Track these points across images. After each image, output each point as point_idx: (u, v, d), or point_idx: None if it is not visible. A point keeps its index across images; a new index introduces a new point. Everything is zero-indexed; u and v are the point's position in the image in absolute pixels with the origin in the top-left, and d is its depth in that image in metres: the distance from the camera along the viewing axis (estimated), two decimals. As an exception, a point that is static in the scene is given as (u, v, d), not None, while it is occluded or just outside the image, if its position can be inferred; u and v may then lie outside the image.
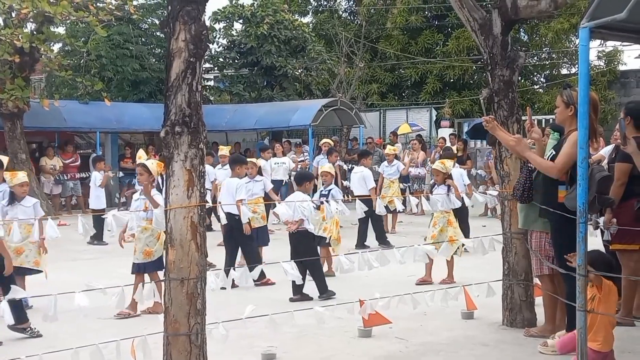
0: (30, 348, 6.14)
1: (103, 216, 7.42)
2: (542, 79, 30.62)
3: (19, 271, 7.66)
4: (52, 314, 5.16)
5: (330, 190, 10.19)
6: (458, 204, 9.27)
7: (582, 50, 4.94)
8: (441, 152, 15.86)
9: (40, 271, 8.10)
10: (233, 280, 6.15)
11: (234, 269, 6.30)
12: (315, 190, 11.31)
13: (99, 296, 5.55)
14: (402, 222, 15.68)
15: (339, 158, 14.38)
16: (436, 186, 9.65)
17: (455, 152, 18.42)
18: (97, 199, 14.18)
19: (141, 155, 9.12)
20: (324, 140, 18.11)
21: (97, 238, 13.29)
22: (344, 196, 12.73)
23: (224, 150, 14.26)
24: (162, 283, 4.73)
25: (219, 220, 10.52)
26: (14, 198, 8.05)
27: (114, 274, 8.99)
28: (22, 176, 8.25)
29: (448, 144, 19.50)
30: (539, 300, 6.81)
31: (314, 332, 6.56)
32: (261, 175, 12.06)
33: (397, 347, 6.27)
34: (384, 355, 6.05)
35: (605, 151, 7.66)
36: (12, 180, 8.09)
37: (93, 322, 7.36)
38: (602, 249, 7.45)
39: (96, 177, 14.25)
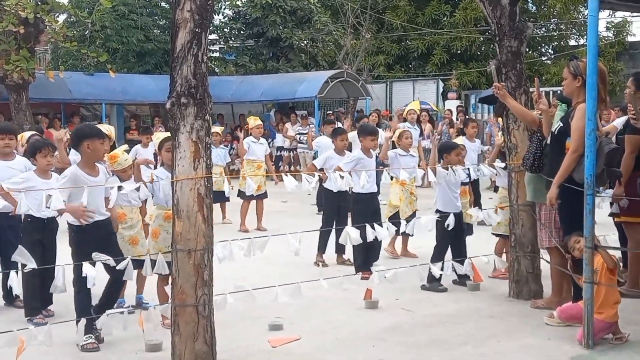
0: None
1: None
2: (550, 51, 30.40)
3: (137, 264, 5.76)
4: (60, 285, 5.18)
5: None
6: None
7: (591, 21, 4.89)
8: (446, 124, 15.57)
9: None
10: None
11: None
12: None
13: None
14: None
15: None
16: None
17: (457, 123, 18.34)
18: None
19: None
20: (410, 107, 16.86)
21: None
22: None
23: (258, 120, 11.78)
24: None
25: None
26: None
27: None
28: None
29: (454, 116, 19.43)
30: (545, 272, 6.81)
31: (320, 304, 6.58)
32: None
33: (403, 319, 6.29)
34: (390, 326, 6.07)
35: (618, 123, 7.57)
36: (113, 164, 6.42)
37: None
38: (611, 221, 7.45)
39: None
